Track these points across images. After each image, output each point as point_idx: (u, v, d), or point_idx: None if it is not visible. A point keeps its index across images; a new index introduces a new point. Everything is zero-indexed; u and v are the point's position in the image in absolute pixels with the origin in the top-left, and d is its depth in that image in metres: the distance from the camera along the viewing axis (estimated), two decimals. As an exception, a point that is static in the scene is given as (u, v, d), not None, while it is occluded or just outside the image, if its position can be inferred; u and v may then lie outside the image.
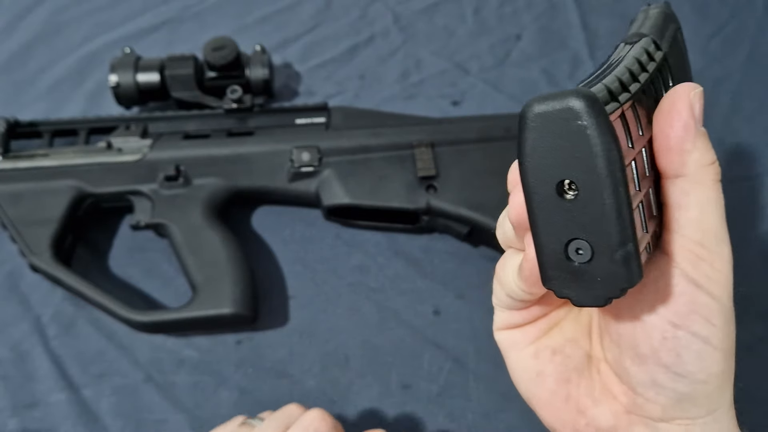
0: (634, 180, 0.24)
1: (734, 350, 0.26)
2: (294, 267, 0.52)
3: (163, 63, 0.56)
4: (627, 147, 0.23)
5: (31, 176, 0.50)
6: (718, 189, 0.25)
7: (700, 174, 0.24)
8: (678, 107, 0.24)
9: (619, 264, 0.22)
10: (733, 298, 0.26)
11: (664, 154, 0.25)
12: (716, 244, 0.24)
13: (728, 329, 0.25)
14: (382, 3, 0.70)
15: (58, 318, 0.50)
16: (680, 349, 0.24)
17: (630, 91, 0.24)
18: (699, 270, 0.24)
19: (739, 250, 0.56)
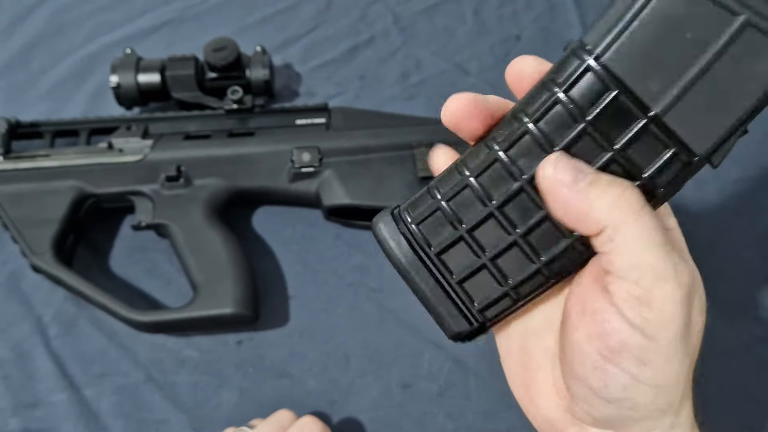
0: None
1: (681, 382, 0.25)
2: (294, 267, 0.52)
3: (164, 64, 0.56)
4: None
5: (32, 177, 0.50)
6: (643, 219, 0.24)
7: (613, 219, 0.24)
8: (547, 188, 0.24)
9: (444, 316, 0.28)
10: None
11: (570, 226, 0.25)
12: (654, 282, 0.24)
13: (667, 367, 0.25)
14: (382, 4, 0.70)
15: (60, 318, 0.50)
16: (608, 381, 0.25)
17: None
18: (634, 311, 0.24)
19: (738, 250, 0.57)
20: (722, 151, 0.25)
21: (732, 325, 0.50)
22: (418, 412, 0.46)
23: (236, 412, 0.46)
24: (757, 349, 0.49)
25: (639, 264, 0.24)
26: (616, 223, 0.23)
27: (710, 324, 0.52)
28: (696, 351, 0.26)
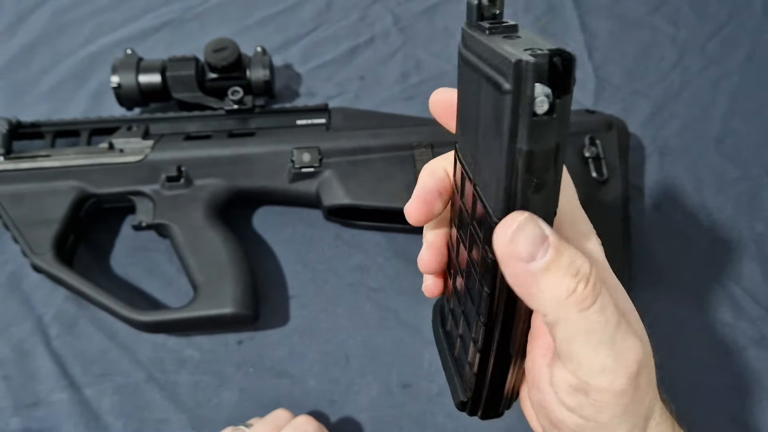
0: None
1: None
2: (294, 267, 0.52)
3: (165, 64, 0.56)
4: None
5: (33, 177, 0.50)
6: (589, 318, 0.22)
7: (557, 312, 0.23)
8: (500, 256, 0.22)
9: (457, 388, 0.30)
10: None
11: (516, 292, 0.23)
12: (592, 376, 0.23)
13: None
14: (382, 4, 0.70)
15: (60, 318, 0.50)
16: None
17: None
18: (571, 397, 0.24)
19: (737, 250, 0.57)
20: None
21: (730, 326, 0.50)
22: (417, 412, 0.46)
23: (236, 412, 0.46)
24: (756, 349, 0.49)
25: (576, 358, 0.23)
26: (558, 316, 0.23)
27: (709, 324, 0.52)
28: (651, 399, 0.25)
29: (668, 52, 0.67)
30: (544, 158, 0.21)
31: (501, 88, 0.20)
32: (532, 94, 0.20)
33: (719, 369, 0.49)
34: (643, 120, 0.61)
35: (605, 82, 0.64)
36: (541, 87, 0.20)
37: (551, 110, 0.20)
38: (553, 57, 0.20)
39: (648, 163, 0.59)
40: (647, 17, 0.70)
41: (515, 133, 0.21)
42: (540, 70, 0.20)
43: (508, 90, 0.20)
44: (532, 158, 0.21)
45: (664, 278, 0.52)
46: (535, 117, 0.20)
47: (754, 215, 0.56)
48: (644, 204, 0.56)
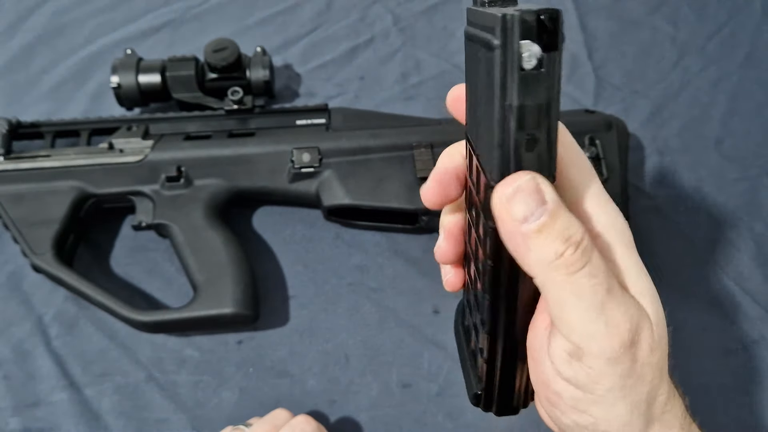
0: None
1: (635, 421, 0.25)
2: (294, 267, 0.52)
3: (165, 64, 0.56)
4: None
5: (33, 177, 0.51)
6: (577, 282, 0.23)
7: (545, 275, 0.23)
8: (497, 211, 0.23)
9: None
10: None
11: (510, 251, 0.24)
12: (583, 339, 0.23)
13: (610, 413, 0.25)
14: (381, 5, 0.70)
15: (60, 318, 0.50)
16: (556, 419, 0.26)
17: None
18: (566, 365, 0.24)
19: (737, 250, 0.57)
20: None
21: (730, 326, 0.50)
22: (417, 412, 0.46)
23: (236, 412, 0.46)
24: (753, 349, 0.49)
25: (568, 321, 0.24)
26: (546, 278, 0.23)
27: (709, 324, 0.52)
28: (655, 381, 0.25)
29: (668, 53, 0.67)
30: (536, 113, 0.22)
31: (491, 45, 0.21)
32: (518, 49, 0.20)
33: (719, 369, 0.49)
34: (642, 120, 0.61)
35: (605, 82, 0.64)
36: (529, 43, 0.20)
37: (540, 65, 0.21)
38: (540, 14, 0.20)
39: (648, 163, 0.59)
40: (647, 17, 0.70)
41: (505, 89, 0.21)
42: (525, 24, 0.20)
43: (496, 45, 0.21)
44: (523, 114, 0.21)
45: (664, 278, 0.52)
46: (523, 71, 0.21)
47: (754, 215, 0.56)
48: (644, 204, 0.56)
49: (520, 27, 0.20)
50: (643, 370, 0.24)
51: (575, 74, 0.65)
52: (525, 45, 0.20)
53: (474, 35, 0.24)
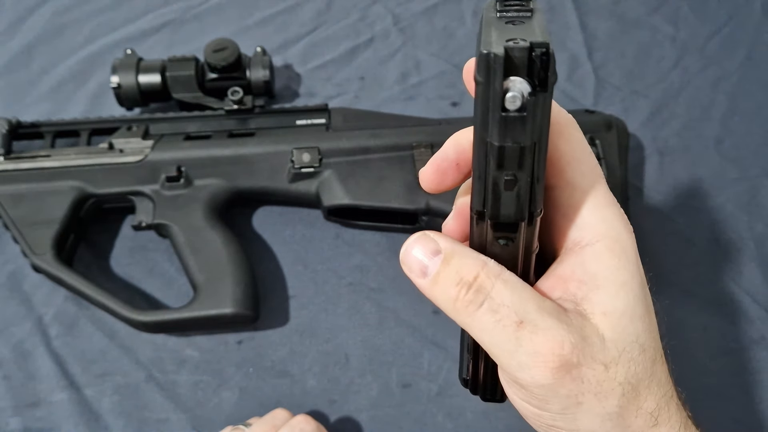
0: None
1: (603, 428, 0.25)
2: (294, 267, 0.52)
3: (165, 64, 0.56)
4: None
5: (33, 177, 0.51)
6: (477, 321, 0.23)
7: (455, 318, 0.24)
8: (405, 263, 0.25)
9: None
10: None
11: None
12: (515, 372, 0.24)
13: (577, 426, 0.25)
14: (381, 5, 0.70)
15: (60, 318, 0.50)
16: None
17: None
18: (513, 390, 0.25)
19: (737, 250, 0.57)
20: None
21: (730, 326, 0.50)
22: (417, 412, 0.46)
23: (236, 412, 0.46)
24: (753, 349, 0.49)
25: (495, 357, 0.24)
26: (458, 321, 0.24)
27: (709, 324, 0.52)
28: (629, 395, 0.24)
29: (668, 53, 0.67)
30: (517, 155, 0.20)
31: (475, 78, 0.20)
32: (501, 89, 0.19)
33: (719, 369, 0.49)
34: (642, 120, 0.61)
35: (605, 82, 0.64)
36: (516, 81, 0.19)
37: (524, 107, 0.19)
38: (531, 51, 0.19)
39: (647, 163, 0.59)
40: (647, 17, 0.70)
41: (485, 127, 0.20)
42: (511, 62, 0.19)
43: (478, 81, 0.19)
44: (503, 155, 0.20)
45: (663, 278, 0.52)
46: (505, 112, 0.19)
47: (754, 215, 0.56)
48: (644, 204, 0.56)
49: (504, 66, 0.18)
50: (603, 387, 0.24)
51: (575, 74, 0.65)
52: (511, 83, 0.19)
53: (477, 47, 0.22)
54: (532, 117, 0.19)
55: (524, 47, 0.18)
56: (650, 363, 0.25)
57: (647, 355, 0.25)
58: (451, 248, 0.24)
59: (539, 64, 0.19)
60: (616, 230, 0.25)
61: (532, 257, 0.25)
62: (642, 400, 0.25)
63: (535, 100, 0.19)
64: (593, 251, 0.24)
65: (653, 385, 0.25)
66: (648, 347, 0.25)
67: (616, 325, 0.24)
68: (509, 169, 0.21)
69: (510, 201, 0.22)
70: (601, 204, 0.25)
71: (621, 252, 0.25)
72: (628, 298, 0.24)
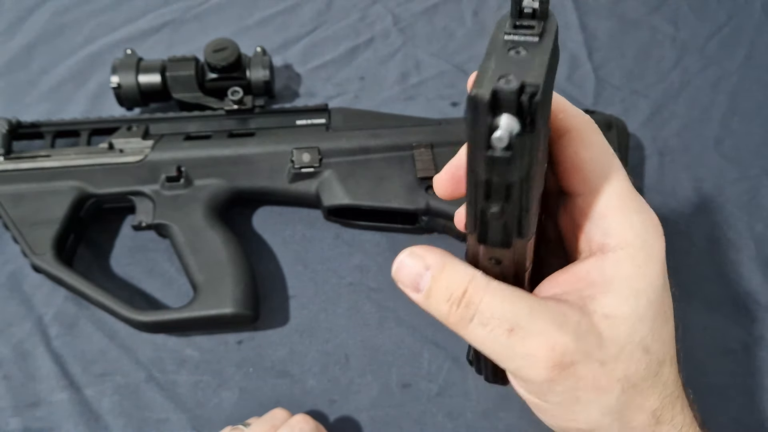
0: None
1: (604, 422, 0.26)
2: (294, 267, 0.52)
3: (165, 64, 0.56)
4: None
5: (33, 177, 0.51)
6: (470, 334, 0.24)
7: (453, 329, 0.25)
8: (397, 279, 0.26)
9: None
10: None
11: None
12: (514, 370, 0.25)
13: (577, 416, 0.25)
14: (381, 5, 0.70)
15: (60, 318, 0.50)
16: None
17: None
18: (515, 382, 0.26)
19: (737, 250, 0.57)
20: None
21: (730, 326, 0.50)
22: (417, 412, 0.46)
23: (236, 412, 0.46)
24: (753, 349, 0.49)
25: (493, 359, 0.25)
26: (457, 332, 0.25)
27: (709, 324, 0.52)
28: (630, 392, 0.25)
29: (668, 53, 0.67)
30: (503, 190, 0.20)
31: (464, 113, 0.20)
32: (486, 129, 0.19)
33: (719, 369, 0.49)
34: (642, 120, 0.61)
35: (605, 82, 0.64)
36: (506, 121, 0.19)
37: (510, 147, 0.19)
38: (521, 92, 0.18)
39: (647, 163, 0.59)
40: (647, 17, 0.70)
41: (474, 159, 0.20)
42: (497, 103, 0.18)
43: (467, 117, 0.19)
44: (490, 188, 0.20)
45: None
46: (490, 150, 0.19)
47: (754, 215, 0.56)
48: (644, 204, 0.56)
49: (492, 105, 0.18)
50: (601, 383, 0.24)
51: (575, 74, 0.65)
52: (498, 122, 0.18)
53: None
54: (519, 156, 0.19)
55: (513, 90, 0.18)
56: (656, 365, 0.25)
57: (652, 357, 0.25)
58: (440, 264, 0.24)
59: (528, 106, 0.18)
60: (643, 238, 0.25)
61: (524, 274, 0.25)
62: (644, 399, 0.25)
63: (522, 141, 0.19)
64: (615, 257, 0.25)
65: (658, 385, 0.25)
66: (655, 350, 0.25)
67: (618, 326, 0.25)
68: (496, 201, 0.21)
69: (497, 229, 0.22)
70: (629, 210, 0.25)
71: (645, 260, 0.25)
72: (638, 304, 0.25)
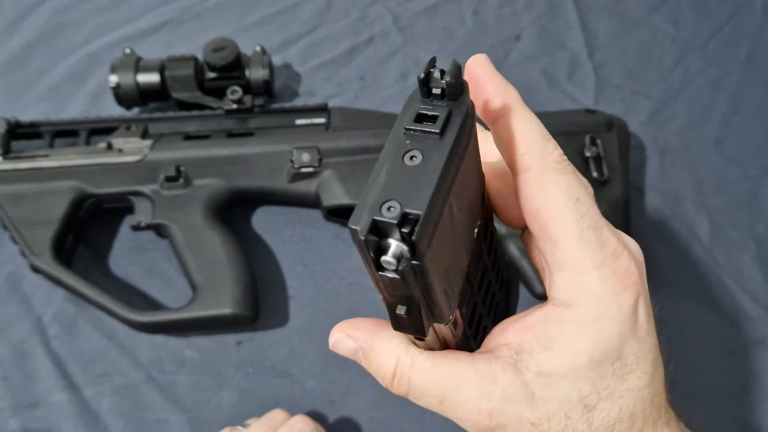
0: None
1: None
2: (294, 267, 0.52)
3: (164, 64, 0.56)
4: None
5: (31, 177, 0.50)
6: (409, 398, 0.26)
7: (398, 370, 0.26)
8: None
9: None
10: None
11: None
12: (458, 422, 0.25)
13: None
14: (381, 4, 0.70)
15: (59, 318, 0.50)
16: None
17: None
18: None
19: (737, 250, 0.57)
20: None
21: (730, 326, 0.50)
22: (416, 412, 0.46)
23: (236, 412, 0.46)
24: (753, 349, 0.49)
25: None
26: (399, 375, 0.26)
27: (709, 324, 0.52)
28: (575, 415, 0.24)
29: (669, 52, 0.67)
30: (405, 300, 0.20)
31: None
32: (372, 256, 0.18)
33: (719, 369, 0.49)
34: (643, 120, 0.61)
35: (605, 81, 0.64)
36: (395, 246, 0.18)
37: (398, 269, 0.18)
38: (403, 222, 0.18)
39: (648, 163, 0.59)
40: (648, 17, 0.69)
41: (370, 272, 0.20)
42: (380, 234, 0.18)
43: (355, 239, 0.19)
44: (388, 299, 0.21)
45: (664, 278, 0.52)
46: (381, 272, 0.19)
47: (754, 215, 0.56)
48: (644, 204, 0.56)
49: (371, 236, 0.18)
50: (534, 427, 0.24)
51: (576, 74, 0.65)
52: (387, 247, 0.18)
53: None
54: (411, 279, 0.19)
55: (393, 222, 0.18)
56: (606, 421, 0.24)
57: (597, 415, 0.24)
58: (368, 345, 0.26)
59: (410, 237, 0.18)
60: (597, 297, 0.23)
61: (456, 341, 0.25)
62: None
63: (410, 267, 0.18)
64: (561, 316, 0.24)
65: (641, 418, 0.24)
66: (603, 408, 0.24)
67: (552, 385, 0.24)
68: (400, 305, 0.21)
69: (407, 323, 0.22)
70: (587, 265, 0.23)
71: (594, 320, 0.23)
72: (575, 364, 0.23)
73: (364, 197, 0.18)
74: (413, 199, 0.18)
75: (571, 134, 0.53)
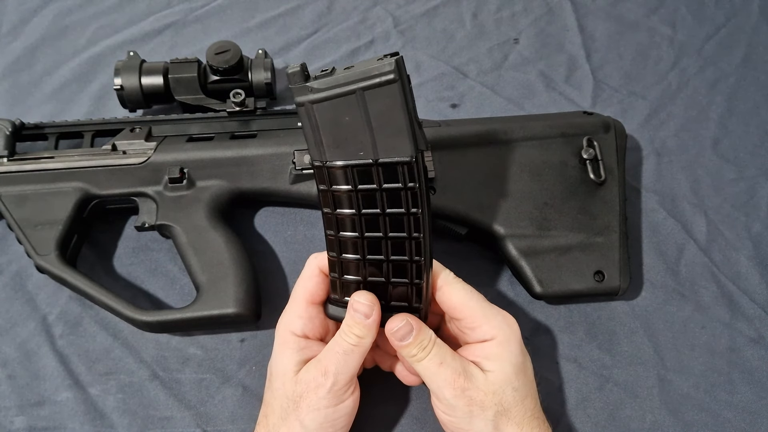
0: None
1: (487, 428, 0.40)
2: (296, 267, 0.53)
3: (167, 66, 0.56)
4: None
5: (36, 178, 0.51)
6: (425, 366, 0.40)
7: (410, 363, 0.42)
8: (389, 338, 0.42)
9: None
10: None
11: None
12: (435, 390, 0.40)
13: (472, 427, 0.40)
14: (382, 7, 0.71)
15: (65, 317, 0.50)
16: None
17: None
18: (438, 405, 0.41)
19: (735, 250, 0.57)
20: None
21: (728, 326, 0.51)
22: (417, 411, 0.47)
23: (240, 409, 0.47)
24: (751, 349, 0.50)
25: (426, 381, 0.41)
26: (410, 360, 0.41)
27: (707, 324, 0.53)
28: (500, 409, 0.40)
29: (666, 54, 0.67)
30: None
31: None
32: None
33: (719, 369, 0.49)
34: (640, 121, 0.62)
35: (603, 83, 0.65)
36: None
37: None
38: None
39: (645, 164, 0.59)
40: (645, 19, 0.70)
41: None
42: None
43: None
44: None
45: (661, 278, 0.53)
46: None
47: (751, 215, 0.56)
48: (642, 205, 0.57)
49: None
50: (484, 404, 0.39)
51: (573, 76, 0.65)
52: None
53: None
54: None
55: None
56: (521, 397, 0.40)
57: (519, 393, 0.40)
58: (419, 326, 0.40)
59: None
60: (504, 332, 0.41)
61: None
62: (512, 416, 0.40)
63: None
64: (490, 344, 0.41)
65: (520, 409, 0.40)
66: (521, 391, 0.40)
67: (494, 378, 0.40)
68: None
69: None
70: (489, 318, 0.41)
71: (505, 344, 0.41)
72: (504, 368, 0.40)
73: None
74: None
75: (569, 136, 0.53)
